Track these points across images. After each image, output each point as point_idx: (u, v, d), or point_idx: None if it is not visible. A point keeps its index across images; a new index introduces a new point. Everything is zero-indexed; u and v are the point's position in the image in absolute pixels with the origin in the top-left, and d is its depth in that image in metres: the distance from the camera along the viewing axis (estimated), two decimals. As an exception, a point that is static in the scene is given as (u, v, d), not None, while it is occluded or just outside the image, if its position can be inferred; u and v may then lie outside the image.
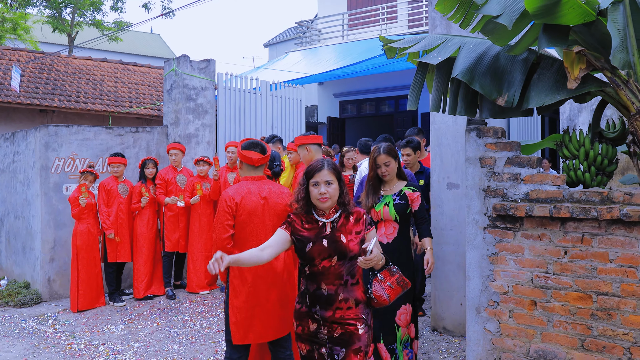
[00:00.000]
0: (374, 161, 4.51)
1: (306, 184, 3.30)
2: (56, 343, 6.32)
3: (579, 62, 3.63)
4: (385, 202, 4.51)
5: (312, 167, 3.30)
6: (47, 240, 7.98)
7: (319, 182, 3.25)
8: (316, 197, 3.23)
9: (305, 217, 3.32)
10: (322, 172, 3.25)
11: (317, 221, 3.30)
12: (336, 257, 3.20)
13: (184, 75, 9.04)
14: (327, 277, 3.22)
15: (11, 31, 21.29)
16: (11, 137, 9.16)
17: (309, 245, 3.22)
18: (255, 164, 4.19)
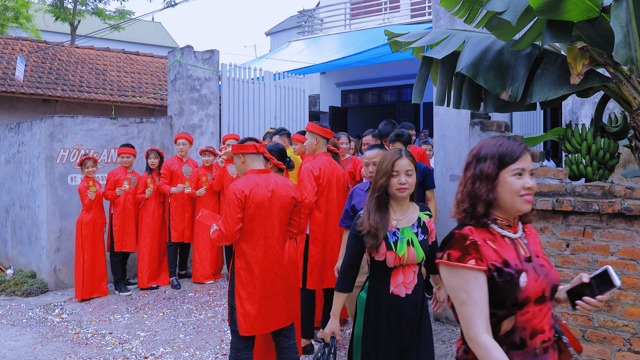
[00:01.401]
0: (391, 166, 3.16)
1: (496, 172, 2.11)
2: (63, 332, 6.40)
3: (582, 57, 3.68)
4: (408, 240, 3.15)
5: (510, 150, 2.12)
6: (52, 230, 8.05)
7: (525, 170, 2.12)
8: (517, 192, 2.09)
9: (482, 231, 2.14)
10: (527, 157, 2.13)
11: (501, 238, 2.16)
12: (549, 295, 2.16)
13: (188, 66, 9.08)
14: (539, 328, 2.13)
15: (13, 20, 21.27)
16: (16, 127, 9.21)
17: (521, 278, 2.06)
18: (259, 150, 4.23)
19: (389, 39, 4.65)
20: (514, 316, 2.05)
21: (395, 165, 3.12)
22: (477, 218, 2.13)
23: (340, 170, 5.63)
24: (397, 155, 3.17)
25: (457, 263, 2.04)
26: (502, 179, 2.10)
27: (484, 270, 2.03)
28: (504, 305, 2.04)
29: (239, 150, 4.23)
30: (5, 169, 9.56)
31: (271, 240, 4.15)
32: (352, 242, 3.29)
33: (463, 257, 2.04)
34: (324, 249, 5.34)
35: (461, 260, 2.04)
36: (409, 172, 3.17)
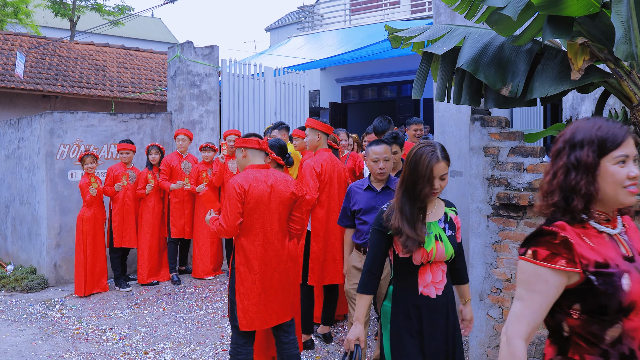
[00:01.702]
0: (430, 172, 2.85)
1: (596, 161, 1.87)
2: (64, 328, 6.42)
3: (582, 53, 3.68)
4: (435, 235, 2.96)
5: (612, 133, 1.88)
6: (53, 226, 8.06)
7: (629, 157, 1.88)
8: (622, 182, 1.85)
9: (577, 227, 1.89)
10: (630, 142, 1.88)
11: (599, 234, 1.91)
12: None
13: (187, 62, 9.07)
14: None
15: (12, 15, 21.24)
16: (16, 123, 9.21)
17: (624, 280, 1.82)
18: (262, 146, 4.26)
19: (389, 35, 4.64)
20: (621, 323, 1.80)
21: (433, 170, 2.84)
22: (573, 213, 1.87)
23: (342, 166, 5.63)
24: (435, 159, 2.85)
25: (545, 263, 1.83)
26: (603, 168, 1.86)
27: (578, 272, 1.81)
28: (606, 311, 1.80)
29: (242, 144, 4.25)
30: (5, 164, 9.56)
31: (270, 236, 4.17)
32: (376, 238, 3.02)
33: (552, 257, 1.83)
34: (326, 245, 5.35)
35: (550, 260, 1.83)
36: (444, 176, 2.91)
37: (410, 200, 2.89)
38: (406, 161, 2.94)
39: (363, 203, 4.47)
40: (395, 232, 2.90)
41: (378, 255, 3.02)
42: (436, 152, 2.88)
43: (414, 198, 2.89)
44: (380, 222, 3.00)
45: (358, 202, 4.48)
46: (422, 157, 2.86)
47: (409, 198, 2.90)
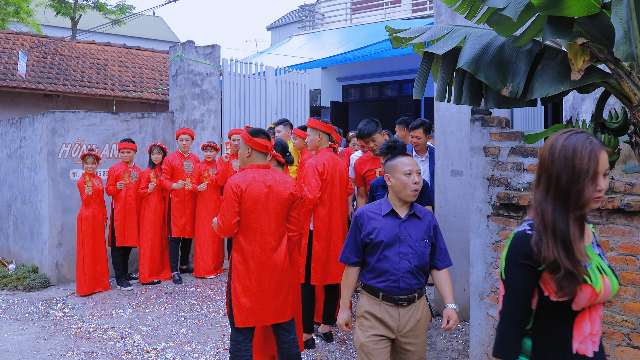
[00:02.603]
0: (594, 164, 2.02)
1: None
2: (66, 327, 6.44)
3: (582, 53, 3.69)
4: (597, 266, 2.12)
5: None
6: (54, 225, 8.08)
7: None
8: None
9: None
10: None
11: None
12: None
13: (189, 61, 9.09)
14: None
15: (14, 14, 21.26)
16: (18, 122, 9.23)
17: None
18: (269, 151, 4.29)
19: (390, 35, 4.66)
20: None
21: (599, 163, 2.02)
22: None
23: (343, 165, 5.65)
24: (597, 148, 2.03)
25: None
26: None
27: None
28: None
29: (250, 144, 4.25)
30: (7, 164, 9.58)
31: (267, 235, 4.20)
32: (521, 277, 2.07)
33: None
34: (328, 245, 5.37)
35: None
36: (607, 170, 2.07)
37: (564, 212, 2.03)
38: (547, 157, 2.09)
39: (385, 234, 3.42)
40: (550, 266, 2.01)
41: (526, 302, 2.09)
42: (593, 139, 2.05)
43: (569, 207, 2.03)
44: (527, 252, 2.05)
45: (378, 232, 3.42)
46: (578, 146, 2.03)
47: (562, 208, 2.03)
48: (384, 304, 3.40)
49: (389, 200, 3.54)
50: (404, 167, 3.44)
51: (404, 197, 3.44)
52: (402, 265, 3.38)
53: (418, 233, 3.47)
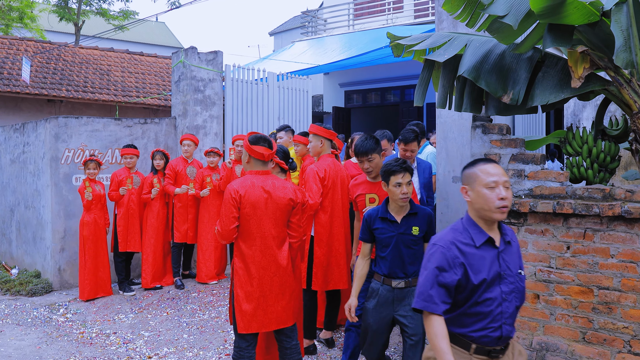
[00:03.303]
0: None
1: None
2: (68, 332, 6.45)
3: (582, 61, 3.71)
4: None
5: None
6: (57, 230, 8.11)
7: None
8: None
9: None
10: None
11: None
12: None
13: (192, 67, 9.12)
14: None
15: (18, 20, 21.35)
16: (21, 128, 9.26)
17: None
18: (266, 159, 4.31)
19: (391, 43, 4.68)
20: None
21: None
22: None
23: (344, 172, 5.67)
24: None
25: None
26: None
27: None
28: None
29: (249, 151, 4.28)
30: (10, 169, 9.61)
31: (268, 241, 4.23)
32: None
33: None
34: (329, 250, 5.38)
35: None
36: None
37: None
38: None
39: (486, 271, 2.74)
40: None
41: None
42: None
43: None
44: None
45: (477, 269, 2.74)
46: None
47: None
48: (475, 358, 2.73)
49: (474, 222, 2.78)
50: (487, 178, 2.70)
51: (489, 216, 2.71)
52: (504, 308, 2.71)
53: (515, 262, 2.81)
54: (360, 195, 4.83)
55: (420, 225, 4.02)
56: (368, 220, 4.09)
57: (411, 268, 3.98)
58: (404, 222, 4.00)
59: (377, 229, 4.05)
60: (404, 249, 3.96)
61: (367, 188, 4.81)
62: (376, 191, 4.72)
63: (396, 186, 3.93)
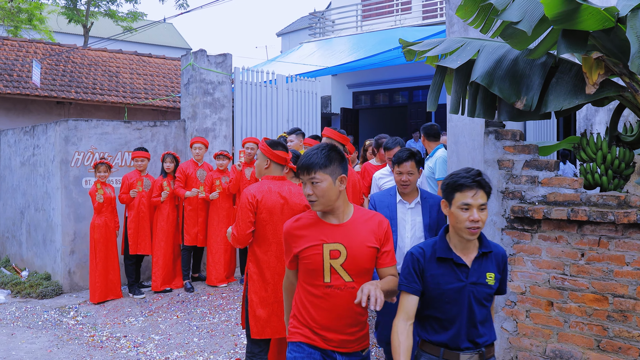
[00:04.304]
0: None
1: None
2: (79, 335, 6.47)
3: (597, 67, 3.68)
4: None
5: None
6: (67, 232, 8.13)
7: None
8: None
9: None
10: None
11: None
12: None
13: (201, 70, 9.13)
14: None
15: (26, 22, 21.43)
16: (31, 130, 9.30)
17: None
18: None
19: (403, 48, 4.67)
20: None
21: None
22: None
23: (356, 176, 5.66)
24: None
25: None
26: None
27: None
28: None
29: (269, 156, 4.28)
30: (20, 171, 9.65)
31: (283, 246, 4.21)
32: None
33: None
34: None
35: None
36: None
37: None
38: None
39: None
40: None
41: None
42: None
43: None
44: None
45: None
46: None
47: None
48: None
49: None
50: None
51: None
52: None
53: None
54: (308, 250, 2.92)
55: (495, 271, 2.85)
56: (416, 261, 2.84)
57: (484, 333, 2.84)
58: (475, 267, 2.79)
59: (434, 276, 2.80)
60: (476, 307, 2.78)
61: (319, 233, 2.94)
62: (340, 238, 2.89)
63: (463, 209, 2.70)
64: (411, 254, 2.86)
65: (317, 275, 2.87)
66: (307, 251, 2.89)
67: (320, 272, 2.86)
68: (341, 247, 2.85)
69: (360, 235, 2.90)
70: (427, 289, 2.81)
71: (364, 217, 2.97)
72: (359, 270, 2.88)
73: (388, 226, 3.00)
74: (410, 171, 4.29)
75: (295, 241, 2.96)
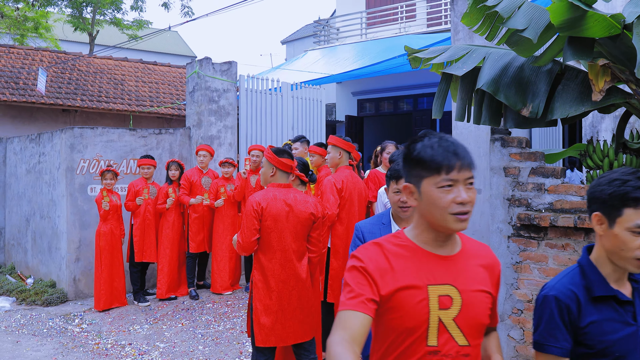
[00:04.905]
0: None
1: None
2: (83, 342, 6.46)
3: (603, 74, 3.67)
4: None
5: None
6: (72, 240, 8.14)
7: None
8: None
9: None
10: None
11: None
12: None
13: (206, 78, 9.16)
14: None
15: (33, 30, 21.55)
16: (37, 138, 9.33)
17: None
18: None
19: (408, 55, 4.67)
20: None
21: None
22: None
23: (362, 184, 5.66)
24: None
25: None
26: None
27: None
28: None
29: (275, 164, 4.28)
30: (26, 179, 9.68)
31: (288, 254, 4.21)
32: None
33: None
34: (345, 262, 5.35)
35: None
36: None
37: None
38: None
39: None
40: None
41: None
42: None
43: None
44: None
45: None
46: None
47: None
48: None
49: None
50: None
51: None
52: None
53: None
54: (407, 292, 1.87)
55: None
56: (565, 309, 2.03)
57: None
58: (638, 302, 2.09)
59: (594, 324, 2.02)
60: None
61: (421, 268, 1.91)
62: (452, 279, 1.90)
63: (636, 232, 1.94)
64: (556, 300, 2.03)
65: (416, 336, 1.84)
66: (404, 294, 1.84)
67: (423, 330, 1.83)
68: (453, 291, 1.87)
69: (475, 274, 1.94)
70: (583, 346, 2.02)
71: (474, 248, 2.03)
72: (476, 327, 1.90)
73: None
74: None
75: (383, 275, 1.85)
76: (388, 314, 1.85)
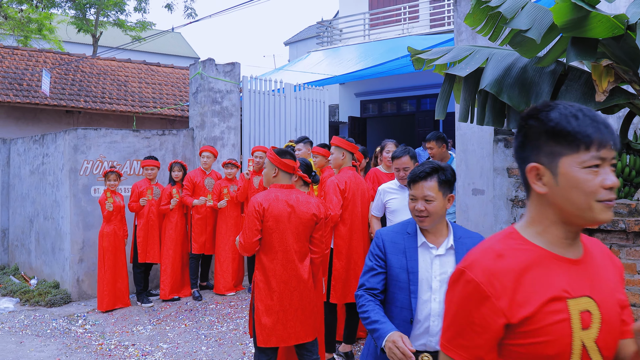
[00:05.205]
0: None
1: None
2: (87, 343, 6.47)
3: (607, 75, 3.67)
4: None
5: None
6: (76, 241, 8.15)
7: None
8: None
9: None
10: None
11: None
12: None
13: (209, 79, 9.17)
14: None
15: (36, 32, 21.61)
16: (40, 139, 9.35)
17: None
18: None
19: (411, 56, 4.67)
20: None
21: None
22: None
23: (365, 185, 5.66)
24: None
25: None
26: None
27: None
28: None
29: (278, 164, 4.28)
30: (29, 180, 9.70)
31: (290, 255, 4.22)
32: None
33: None
34: (348, 263, 5.37)
35: None
36: None
37: None
38: None
39: None
40: None
41: None
42: None
43: None
44: None
45: None
46: None
47: None
48: None
49: None
50: None
51: None
52: None
53: None
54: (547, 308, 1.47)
55: None
56: None
57: None
58: None
59: None
60: None
61: (553, 276, 1.52)
62: (589, 290, 1.53)
63: None
64: None
65: None
66: (540, 314, 1.46)
67: (566, 358, 1.46)
68: (592, 304, 1.51)
69: (607, 279, 1.60)
70: None
71: (590, 244, 1.67)
72: (614, 349, 1.56)
73: None
74: (427, 195, 2.76)
75: (516, 288, 1.47)
76: (517, 339, 1.46)
